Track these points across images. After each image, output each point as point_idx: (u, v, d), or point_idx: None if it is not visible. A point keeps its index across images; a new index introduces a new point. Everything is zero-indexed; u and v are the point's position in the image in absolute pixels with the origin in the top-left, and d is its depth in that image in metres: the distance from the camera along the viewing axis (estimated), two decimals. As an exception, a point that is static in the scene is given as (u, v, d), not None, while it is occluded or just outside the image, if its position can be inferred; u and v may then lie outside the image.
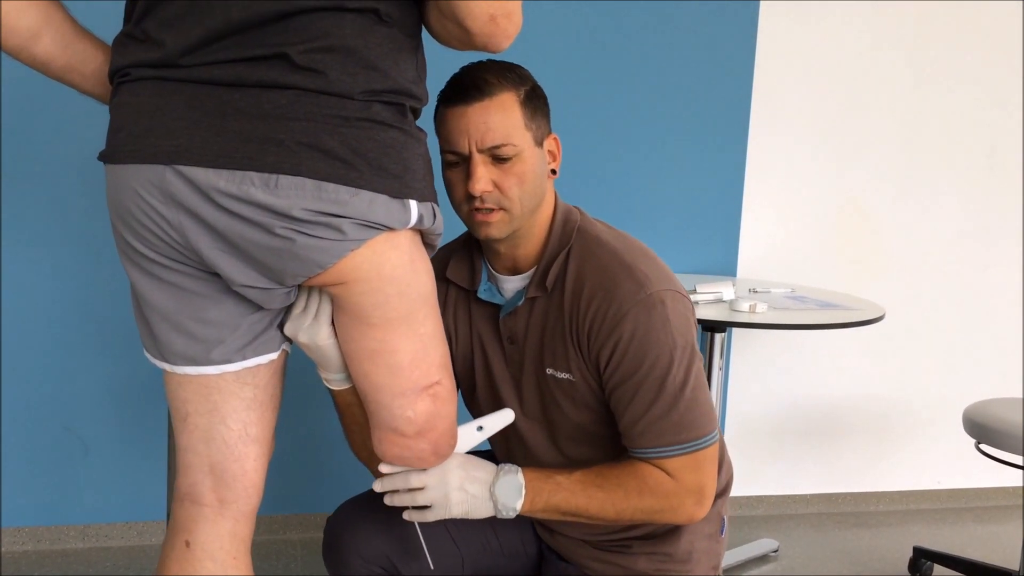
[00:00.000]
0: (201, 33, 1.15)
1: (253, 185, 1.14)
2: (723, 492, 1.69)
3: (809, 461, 3.36)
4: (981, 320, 3.43)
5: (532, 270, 1.54)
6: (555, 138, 1.53)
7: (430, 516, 1.43)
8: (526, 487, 1.43)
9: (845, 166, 3.21)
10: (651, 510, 1.48)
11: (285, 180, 1.14)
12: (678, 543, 1.61)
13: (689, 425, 1.46)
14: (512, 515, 1.44)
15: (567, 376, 1.52)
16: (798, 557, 2.98)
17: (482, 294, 1.58)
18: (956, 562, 2.79)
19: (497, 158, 1.42)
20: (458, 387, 1.70)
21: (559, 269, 1.51)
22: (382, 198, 1.19)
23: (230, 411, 1.36)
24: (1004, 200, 3.39)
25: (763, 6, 3.04)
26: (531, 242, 1.53)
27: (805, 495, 3.38)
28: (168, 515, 1.47)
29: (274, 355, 1.37)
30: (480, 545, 1.67)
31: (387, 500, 1.45)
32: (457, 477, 1.41)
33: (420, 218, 1.25)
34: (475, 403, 1.68)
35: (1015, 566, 2.78)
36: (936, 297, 3.37)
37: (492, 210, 1.45)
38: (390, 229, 1.22)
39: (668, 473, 1.47)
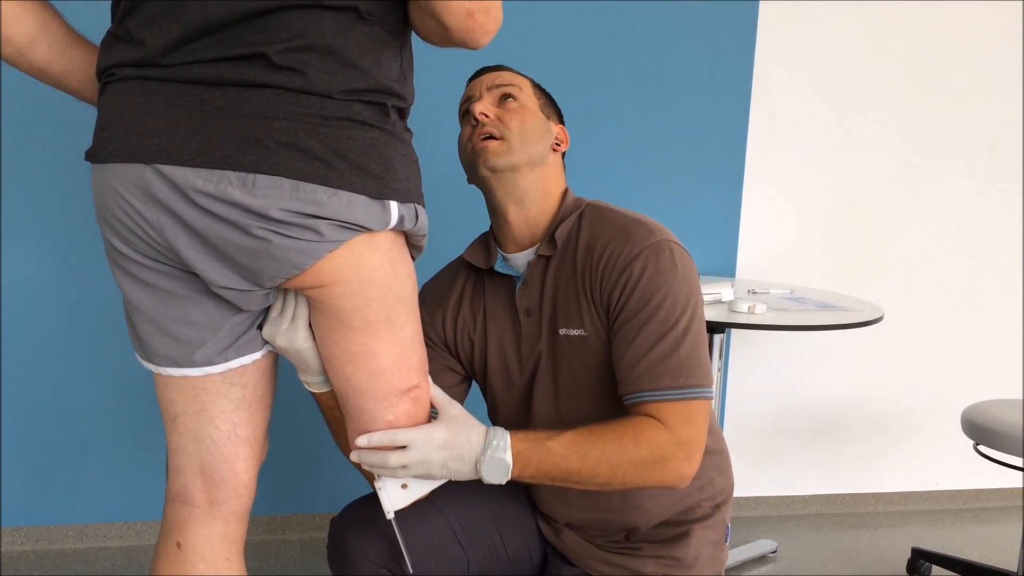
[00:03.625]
0: (180, 32, 1.14)
1: (231, 184, 1.14)
2: (726, 500, 1.70)
3: (808, 462, 3.36)
4: (980, 322, 3.42)
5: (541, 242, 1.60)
6: (564, 130, 1.66)
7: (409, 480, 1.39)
8: (515, 459, 1.38)
9: (844, 167, 3.21)
10: (644, 462, 1.42)
11: (263, 179, 1.14)
12: (687, 548, 1.61)
13: (688, 372, 1.45)
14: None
15: (579, 332, 1.54)
16: (797, 558, 2.98)
17: (499, 267, 1.62)
18: (954, 563, 2.78)
19: (502, 96, 1.59)
20: (471, 377, 1.72)
21: (570, 228, 1.58)
22: (361, 199, 1.19)
23: (218, 411, 1.36)
24: (1004, 201, 3.38)
25: (762, 6, 3.04)
26: (540, 208, 1.59)
27: (804, 496, 3.37)
28: (164, 516, 1.47)
29: (257, 355, 1.37)
30: (486, 548, 1.67)
31: (367, 468, 1.39)
32: (440, 458, 1.36)
33: (401, 219, 1.25)
34: (489, 389, 1.69)
35: (1013, 567, 2.78)
36: (935, 298, 3.37)
37: (491, 136, 1.55)
38: (369, 230, 1.22)
39: (662, 421, 1.43)
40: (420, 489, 1.42)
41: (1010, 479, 3.46)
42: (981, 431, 2.50)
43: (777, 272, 3.20)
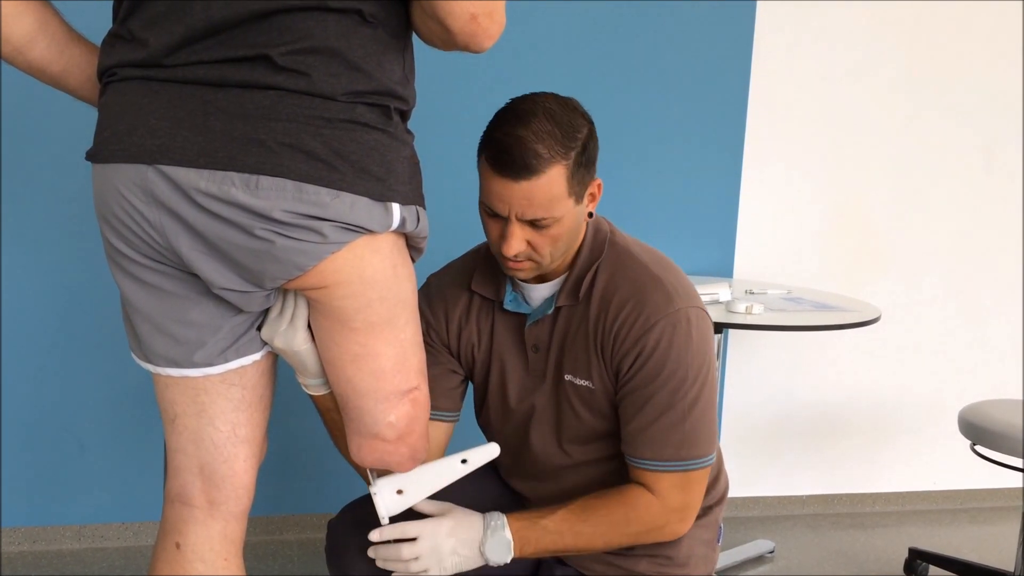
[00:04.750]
0: (183, 32, 1.15)
1: (234, 185, 1.14)
2: (719, 501, 1.71)
3: (805, 462, 3.36)
4: (977, 322, 3.43)
5: (560, 278, 1.55)
6: (599, 183, 1.51)
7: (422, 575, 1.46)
8: (513, 538, 1.46)
9: (842, 167, 3.21)
10: (637, 534, 1.52)
11: (266, 181, 1.14)
12: (679, 547, 1.62)
13: (692, 443, 1.48)
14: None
15: (587, 383, 1.53)
16: (794, 558, 2.98)
17: (508, 305, 1.58)
18: (951, 563, 2.78)
19: (535, 225, 1.42)
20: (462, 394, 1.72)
21: (590, 279, 1.53)
22: (363, 200, 1.19)
23: (218, 412, 1.36)
24: (1001, 202, 3.38)
25: (760, 6, 3.04)
26: (563, 259, 1.55)
27: (801, 496, 3.38)
28: (163, 516, 1.47)
29: (257, 356, 1.37)
30: None
31: (381, 564, 1.47)
32: (449, 545, 1.44)
33: (403, 221, 1.25)
34: (484, 414, 1.69)
35: (1010, 567, 2.78)
36: (932, 299, 3.37)
37: (521, 261, 1.47)
38: (371, 232, 1.22)
39: (655, 492, 1.49)
40: (415, 496, 1.45)
41: (1007, 479, 3.46)
42: (978, 431, 2.50)
43: (774, 272, 3.20)
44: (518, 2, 2.76)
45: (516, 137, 1.37)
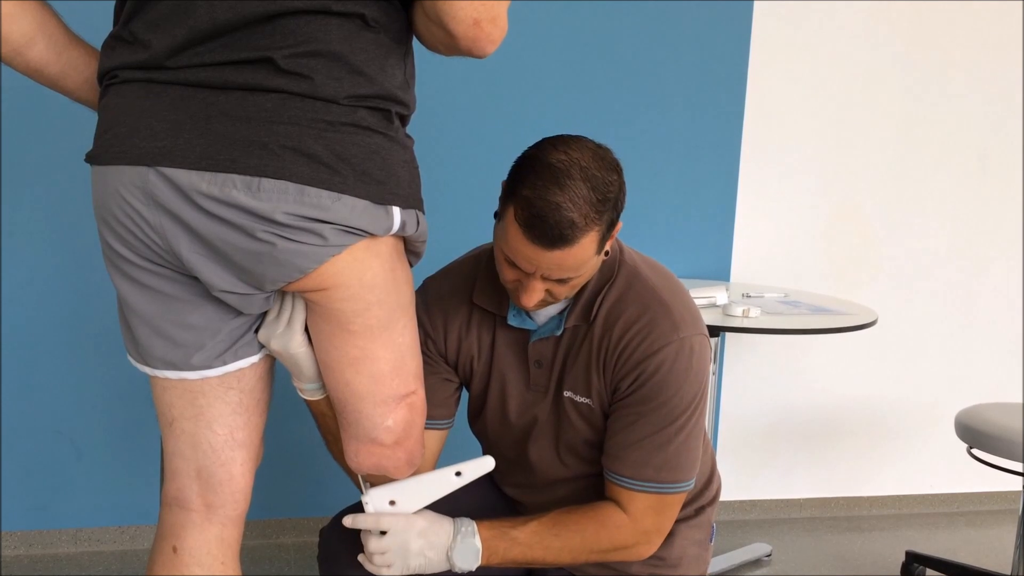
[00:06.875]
0: (186, 34, 1.14)
1: (235, 188, 1.14)
2: (712, 501, 1.71)
3: (802, 465, 3.36)
4: (973, 325, 3.43)
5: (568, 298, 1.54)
6: (619, 226, 1.46)
7: (384, 571, 1.46)
8: (482, 547, 1.46)
9: (839, 170, 3.21)
10: (604, 550, 1.52)
11: (268, 183, 1.14)
12: (671, 548, 1.62)
13: (673, 467, 1.49)
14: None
15: (586, 401, 1.54)
16: (791, 561, 2.98)
17: (512, 320, 1.56)
18: (948, 566, 2.79)
19: (558, 281, 1.40)
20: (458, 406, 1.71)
21: (600, 300, 1.52)
22: (364, 204, 1.19)
23: (216, 416, 1.36)
24: (997, 204, 3.39)
25: (757, 7, 3.04)
26: None
27: (798, 499, 3.38)
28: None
29: (255, 358, 1.37)
30: None
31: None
32: (417, 545, 1.44)
33: (403, 225, 1.25)
34: (480, 423, 1.69)
35: (1007, 570, 2.79)
36: (928, 302, 3.37)
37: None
38: (371, 235, 1.22)
39: (628, 512, 1.50)
40: (407, 507, 1.46)
41: (1004, 483, 3.46)
42: (975, 434, 2.50)
43: (771, 275, 3.20)
44: (514, 3, 2.76)
45: (551, 204, 1.30)
